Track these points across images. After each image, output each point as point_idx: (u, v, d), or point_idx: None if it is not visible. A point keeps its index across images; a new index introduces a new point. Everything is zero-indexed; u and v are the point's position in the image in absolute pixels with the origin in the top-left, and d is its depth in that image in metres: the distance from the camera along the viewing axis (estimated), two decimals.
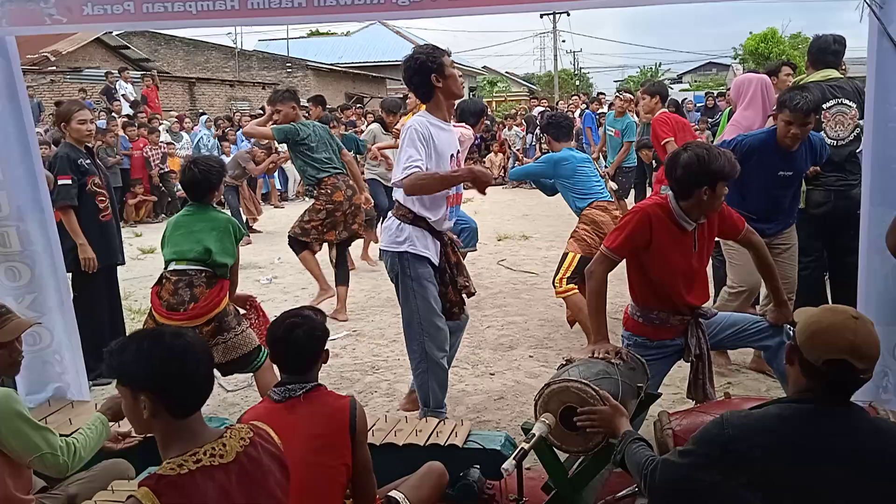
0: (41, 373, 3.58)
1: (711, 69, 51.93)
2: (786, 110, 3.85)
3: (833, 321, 1.85)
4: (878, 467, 1.76)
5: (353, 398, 2.41)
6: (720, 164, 2.94)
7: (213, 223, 3.74)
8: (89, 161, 4.71)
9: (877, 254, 3.03)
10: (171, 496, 1.59)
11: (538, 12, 34.79)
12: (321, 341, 2.42)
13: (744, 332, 3.27)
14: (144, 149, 12.64)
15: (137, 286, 7.49)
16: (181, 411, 1.71)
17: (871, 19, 2.84)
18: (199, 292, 3.62)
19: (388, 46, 34.13)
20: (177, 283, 3.63)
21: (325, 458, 2.28)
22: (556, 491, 2.67)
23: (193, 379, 1.71)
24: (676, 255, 3.09)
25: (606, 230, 4.71)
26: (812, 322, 1.87)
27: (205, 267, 3.67)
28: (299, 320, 2.41)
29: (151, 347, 1.69)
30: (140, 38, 24.19)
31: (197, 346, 1.74)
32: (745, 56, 37.22)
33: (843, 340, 1.81)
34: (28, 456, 2.32)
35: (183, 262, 3.67)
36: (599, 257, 3.12)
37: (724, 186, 2.99)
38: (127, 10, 2.97)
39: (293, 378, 2.37)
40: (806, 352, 1.85)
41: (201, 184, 3.76)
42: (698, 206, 3.01)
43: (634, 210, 3.15)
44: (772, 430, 1.82)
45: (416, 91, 3.56)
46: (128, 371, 1.70)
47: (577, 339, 5.14)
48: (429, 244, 3.53)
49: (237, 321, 3.76)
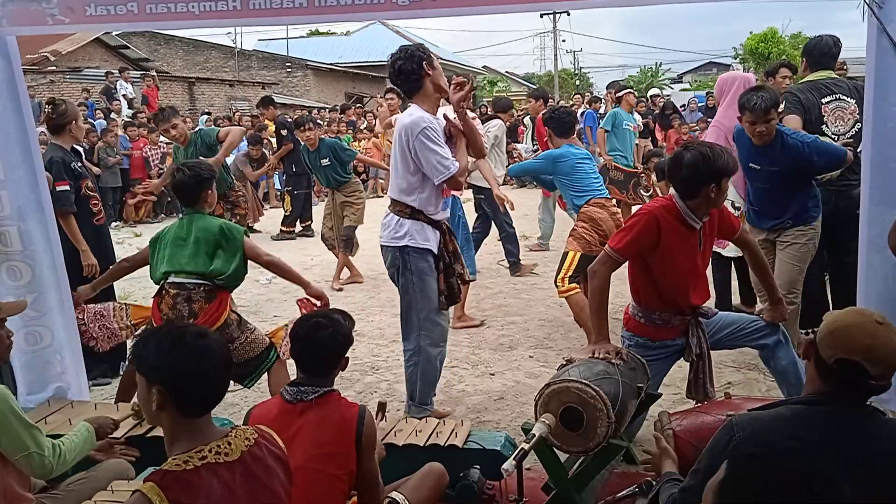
0: (42, 372, 3.59)
1: (712, 69, 51.87)
2: (746, 112, 3.98)
3: (854, 322, 1.83)
4: (888, 469, 1.74)
5: (364, 408, 2.39)
6: (724, 160, 2.99)
7: (206, 232, 3.56)
8: (80, 164, 4.68)
9: (876, 253, 3.03)
10: (176, 491, 1.61)
11: (538, 12, 34.83)
12: (343, 347, 2.42)
13: (741, 331, 3.29)
14: (144, 149, 12.64)
15: (137, 286, 7.48)
16: (190, 410, 1.72)
17: (870, 19, 2.84)
18: (198, 308, 3.52)
19: (388, 46, 33.72)
20: (175, 296, 3.54)
21: (327, 467, 2.27)
22: (556, 491, 2.67)
23: (207, 380, 1.72)
24: (683, 255, 3.10)
25: (605, 227, 4.72)
26: (834, 320, 1.86)
27: (203, 280, 3.55)
28: (326, 322, 2.41)
29: (172, 343, 1.71)
30: (140, 38, 24.17)
31: (217, 350, 1.75)
32: (745, 56, 37.20)
33: (860, 343, 1.78)
34: (16, 454, 2.33)
35: (181, 275, 3.55)
36: (603, 257, 3.12)
37: (728, 182, 3.03)
38: (130, 10, 2.97)
39: (308, 379, 2.37)
40: (821, 348, 1.83)
41: (191, 187, 3.61)
42: (706, 204, 3.04)
43: (642, 212, 3.14)
44: (782, 432, 1.80)
45: (404, 82, 3.57)
46: (146, 361, 1.73)
47: (578, 339, 5.14)
48: (428, 235, 3.60)
49: (240, 330, 3.66)
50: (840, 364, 1.80)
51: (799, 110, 4.36)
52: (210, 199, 3.70)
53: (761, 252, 3.49)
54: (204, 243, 3.55)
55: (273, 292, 7.02)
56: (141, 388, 1.76)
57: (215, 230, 3.58)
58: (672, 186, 3.15)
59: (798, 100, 4.41)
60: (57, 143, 4.58)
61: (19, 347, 3.57)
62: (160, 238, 3.70)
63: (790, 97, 4.45)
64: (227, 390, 1.82)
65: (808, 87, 4.47)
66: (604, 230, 4.70)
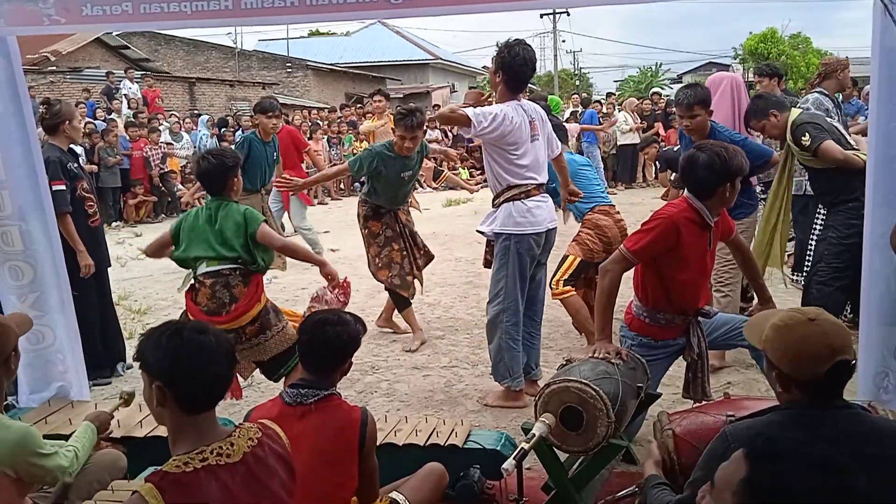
0: (44, 371, 3.58)
1: (711, 69, 51.57)
2: (675, 107, 4.31)
3: (805, 334, 1.83)
4: (880, 468, 1.75)
5: (366, 410, 2.38)
6: (738, 160, 3.06)
7: (232, 218, 3.56)
8: (76, 165, 4.65)
9: (878, 254, 3.03)
10: (174, 494, 1.60)
11: (538, 10, 34.85)
12: (348, 346, 2.38)
13: (734, 330, 3.31)
14: (145, 149, 12.65)
15: (137, 286, 7.51)
16: (190, 406, 1.71)
17: (874, 18, 2.83)
18: (238, 292, 3.50)
19: (388, 46, 34.15)
20: (213, 286, 3.49)
21: (329, 474, 2.26)
22: (556, 491, 2.67)
23: (203, 375, 1.69)
24: (695, 256, 3.13)
25: (609, 234, 4.73)
26: (789, 345, 1.85)
27: (237, 264, 3.53)
28: (334, 319, 2.39)
29: (169, 338, 1.70)
30: (140, 38, 24.17)
31: (216, 345, 1.72)
32: (745, 56, 37.19)
33: (825, 345, 1.80)
34: (42, 480, 2.36)
35: (214, 263, 3.51)
36: (617, 256, 3.12)
37: (739, 181, 3.11)
38: (125, 10, 2.97)
39: (310, 380, 2.34)
40: (803, 375, 1.84)
41: (216, 175, 3.60)
42: (721, 202, 3.10)
43: (662, 216, 3.13)
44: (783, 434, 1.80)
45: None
46: (146, 357, 1.72)
47: (578, 339, 5.13)
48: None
49: (277, 318, 3.66)
50: (828, 373, 1.81)
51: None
52: (236, 187, 3.70)
53: (752, 254, 3.57)
54: (233, 227, 3.55)
55: (273, 292, 6.97)
56: (144, 385, 1.76)
57: (240, 215, 3.59)
58: (686, 188, 3.17)
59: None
60: (53, 143, 4.54)
61: (21, 346, 3.57)
62: (182, 223, 3.67)
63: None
64: (229, 387, 1.79)
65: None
66: (608, 237, 4.71)
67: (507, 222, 3.92)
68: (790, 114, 4.29)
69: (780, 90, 6.15)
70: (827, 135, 4.11)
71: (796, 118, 4.26)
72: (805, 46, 37.71)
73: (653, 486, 2.24)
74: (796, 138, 4.19)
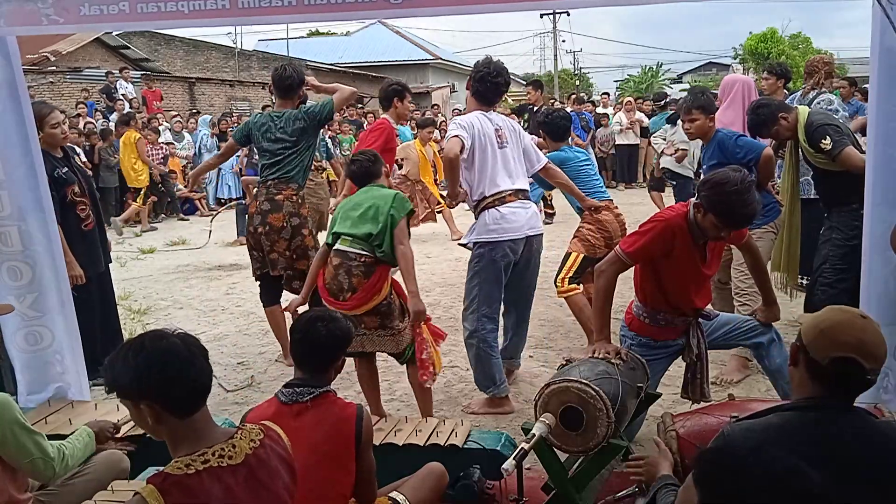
0: (42, 372, 3.58)
1: (711, 69, 51.91)
2: (679, 110, 4.48)
3: (841, 319, 1.83)
4: (882, 474, 1.73)
5: (361, 407, 2.38)
6: (746, 212, 2.94)
7: (380, 199, 3.63)
8: (66, 169, 4.37)
9: (878, 254, 3.03)
10: (175, 496, 1.59)
11: (538, 10, 34.83)
12: (340, 343, 2.39)
13: (735, 330, 3.32)
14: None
15: (137, 286, 7.50)
16: (182, 411, 1.69)
17: (873, 18, 2.83)
18: (357, 283, 3.50)
19: (388, 46, 34.15)
20: (337, 266, 3.55)
21: (326, 471, 2.26)
22: (556, 491, 2.67)
23: (181, 378, 1.67)
24: (691, 263, 3.11)
25: (610, 229, 4.73)
26: (820, 320, 1.85)
27: (364, 251, 3.54)
28: (325, 315, 2.40)
29: (134, 356, 1.67)
30: (140, 38, 24.16)
31: (180, 346, 1.69)
32: (745, 56, 37.21)
33: (852, 337, 1.78)
34: (22, 460, 2.33)
35: (346, 242, 3.58)
36: (612, 258, 3.12)
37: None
38: (122, 10, 2.97)
39: (304, 378, 2.35)
40: (813, 350, 1.82)
41: (363, 175, 3.79)
42: (713, 236, 3.06)
43: (658, 219, 3.12)
44: (772, 441, 1.78)
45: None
46: (120, 384, 1.69)
47: (578, 339, 5.13)
48: None
49: (401, 318, 3.61)
50: (835, 363, 1.78)
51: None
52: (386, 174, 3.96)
53: (762, 256, 3.57)
54: (375, 208, 3.60)
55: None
56: (130, 411, 1.72)
57: (390, 196, 3.65)
58: (697, 196, 3.08)
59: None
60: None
61: (19, 347, 3.58)
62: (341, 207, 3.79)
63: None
64: (209, 380, 1.75)
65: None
66: (609, 232, 4.72)
67: (482, 231, 3.98)
68: (798, 112, 4.22)
69: (783, 92, 6.15)
70: (847, 140, 3.98)
71: (809, 118, 4.09)
72: (805, 46, 37.74)
73: (662, 486, 2.23)
74: (815, 140, 3.98)
